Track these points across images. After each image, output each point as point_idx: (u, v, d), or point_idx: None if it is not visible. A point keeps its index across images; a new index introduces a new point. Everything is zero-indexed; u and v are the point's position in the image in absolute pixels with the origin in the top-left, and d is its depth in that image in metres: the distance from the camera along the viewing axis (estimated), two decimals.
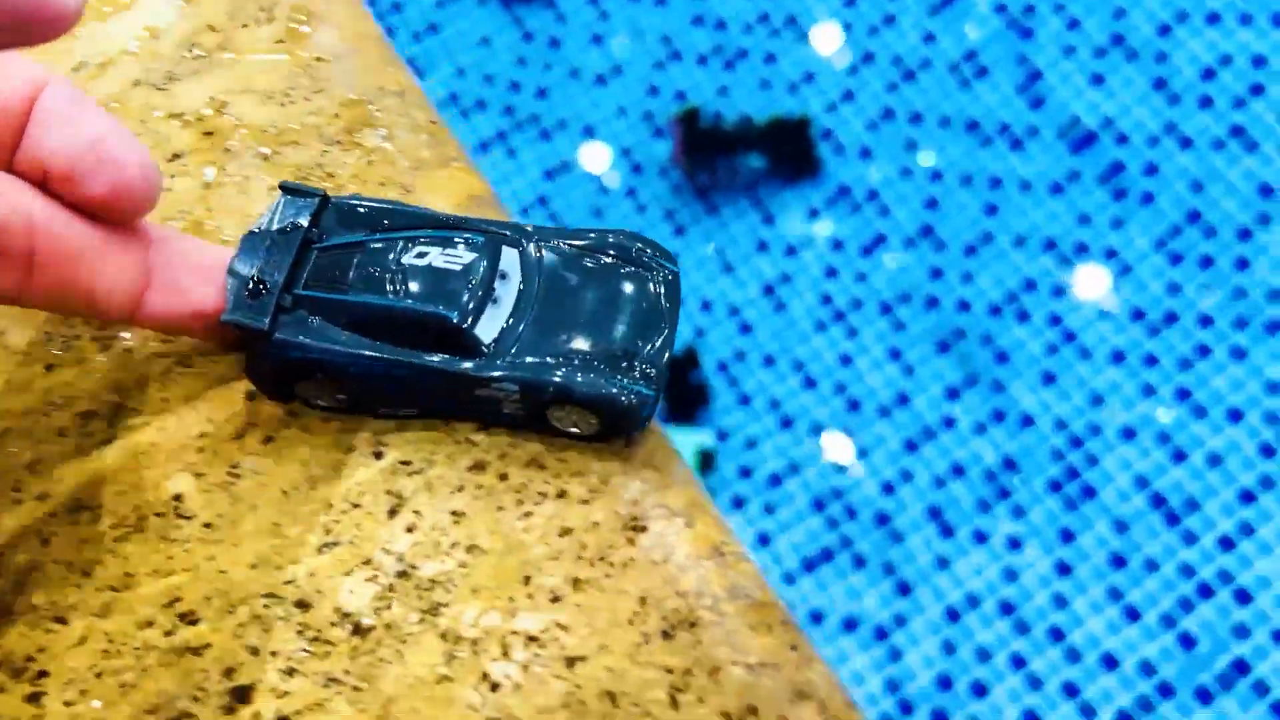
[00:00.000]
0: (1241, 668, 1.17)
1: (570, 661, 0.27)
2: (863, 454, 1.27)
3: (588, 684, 0.27)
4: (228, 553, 0.29)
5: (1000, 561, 1.23)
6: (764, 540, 1.25)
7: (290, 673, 0.27)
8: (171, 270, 0.30)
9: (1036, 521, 1.24)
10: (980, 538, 1.23)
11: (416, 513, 0.29)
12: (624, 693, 0.27)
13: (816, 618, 1.21)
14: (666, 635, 0.28)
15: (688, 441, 1.25)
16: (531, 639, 0.28)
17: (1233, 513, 1.22)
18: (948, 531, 1.25)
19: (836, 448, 1.27)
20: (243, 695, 0.27)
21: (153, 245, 0.30)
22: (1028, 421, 1.27)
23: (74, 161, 0.27)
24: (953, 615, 1.22)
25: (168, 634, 0.28)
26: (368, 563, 0.29)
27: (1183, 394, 1.26)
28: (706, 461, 1.24)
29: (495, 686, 0.27)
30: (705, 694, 0.27)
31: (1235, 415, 1.24)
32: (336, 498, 0.30)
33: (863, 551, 1.24)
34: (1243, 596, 1.20)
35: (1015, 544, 1.24)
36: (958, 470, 1.26)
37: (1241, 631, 1.18)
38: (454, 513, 0.29)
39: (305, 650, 0.28)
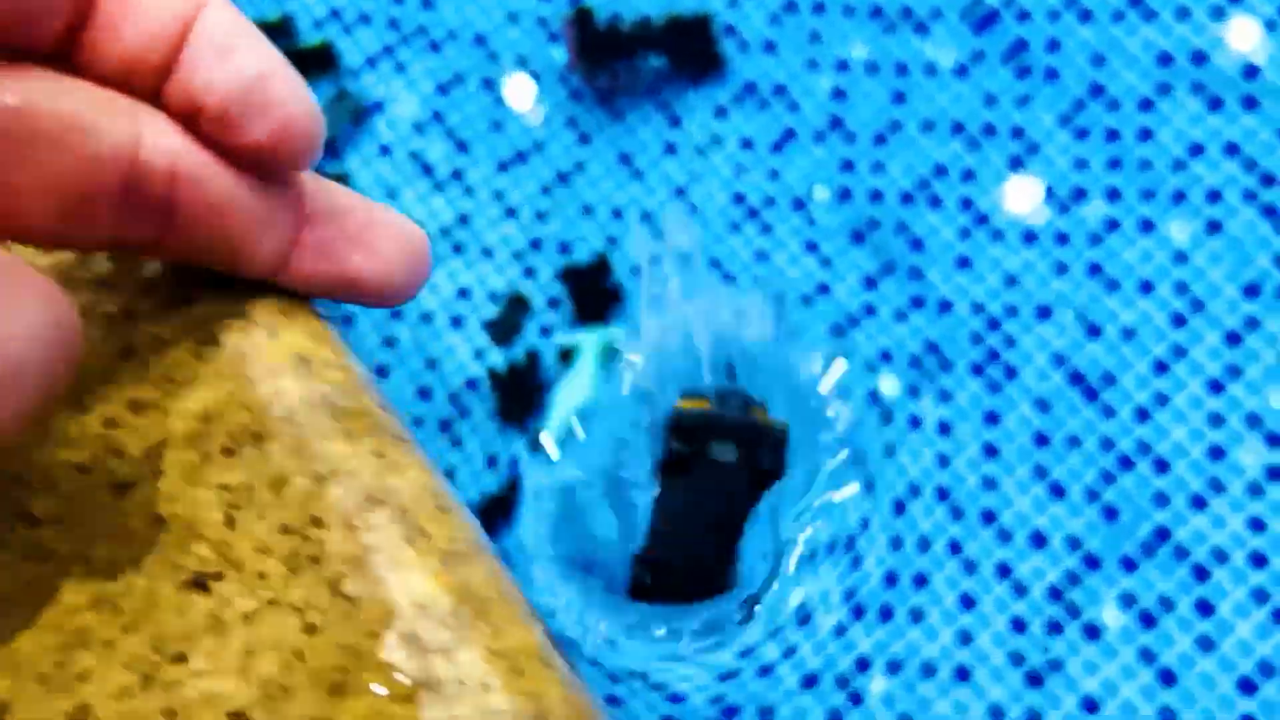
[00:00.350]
0: (1162, 534, 1.16)
1: (120, 488, 0.25)
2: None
3: (137, 510, 0.25)
4: None
5: (934, 447, 1.21)
6: None
7: None
8: (324, 228, 0.27)
9: (963, 404, 1.22)
10: (915, 423, 1.21)
11: None
12: (176, 515, 0.25)
13: None
14: (229, 452, 0.25)
15: (591, 338, 1.22)
16: (80, 469, 0.25)
17: (1148, 384, 1.20)
18: (886, 418, 1.23)
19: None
20: None
21: (305, 199, 0.26)
22: (945, 306, 1.24)
23: (232, 100, 0.24)
24: (899, 508, 1.20)
25: None
26: None
27: (1094, 269, 1.24)
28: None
29: (35, 523, 0.25)
30: (265, 510, 0.25)
31: (1146, 287, 1.22)
32: None
33: None
34: (1161, 465, 1.19)
35: (945, 429, 1.22)
36: (885, 357, 1.24)
37: (1161, 499, 1.16)
38: None
39: None
